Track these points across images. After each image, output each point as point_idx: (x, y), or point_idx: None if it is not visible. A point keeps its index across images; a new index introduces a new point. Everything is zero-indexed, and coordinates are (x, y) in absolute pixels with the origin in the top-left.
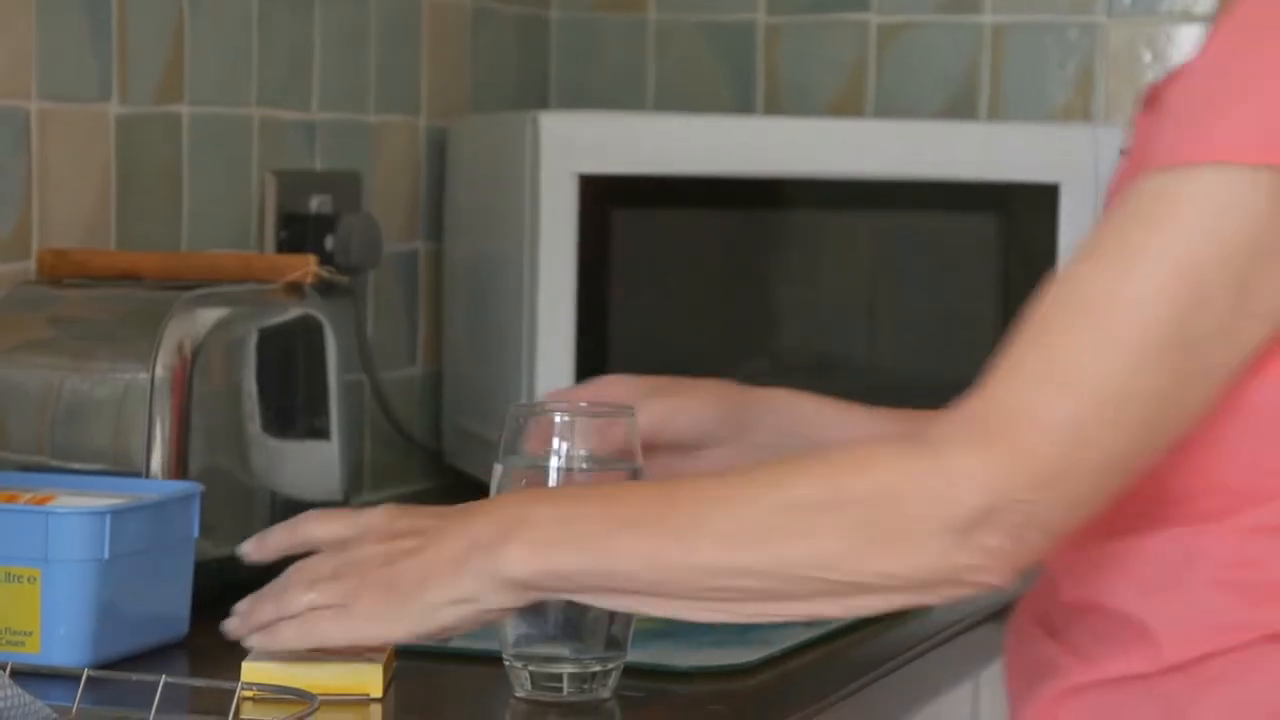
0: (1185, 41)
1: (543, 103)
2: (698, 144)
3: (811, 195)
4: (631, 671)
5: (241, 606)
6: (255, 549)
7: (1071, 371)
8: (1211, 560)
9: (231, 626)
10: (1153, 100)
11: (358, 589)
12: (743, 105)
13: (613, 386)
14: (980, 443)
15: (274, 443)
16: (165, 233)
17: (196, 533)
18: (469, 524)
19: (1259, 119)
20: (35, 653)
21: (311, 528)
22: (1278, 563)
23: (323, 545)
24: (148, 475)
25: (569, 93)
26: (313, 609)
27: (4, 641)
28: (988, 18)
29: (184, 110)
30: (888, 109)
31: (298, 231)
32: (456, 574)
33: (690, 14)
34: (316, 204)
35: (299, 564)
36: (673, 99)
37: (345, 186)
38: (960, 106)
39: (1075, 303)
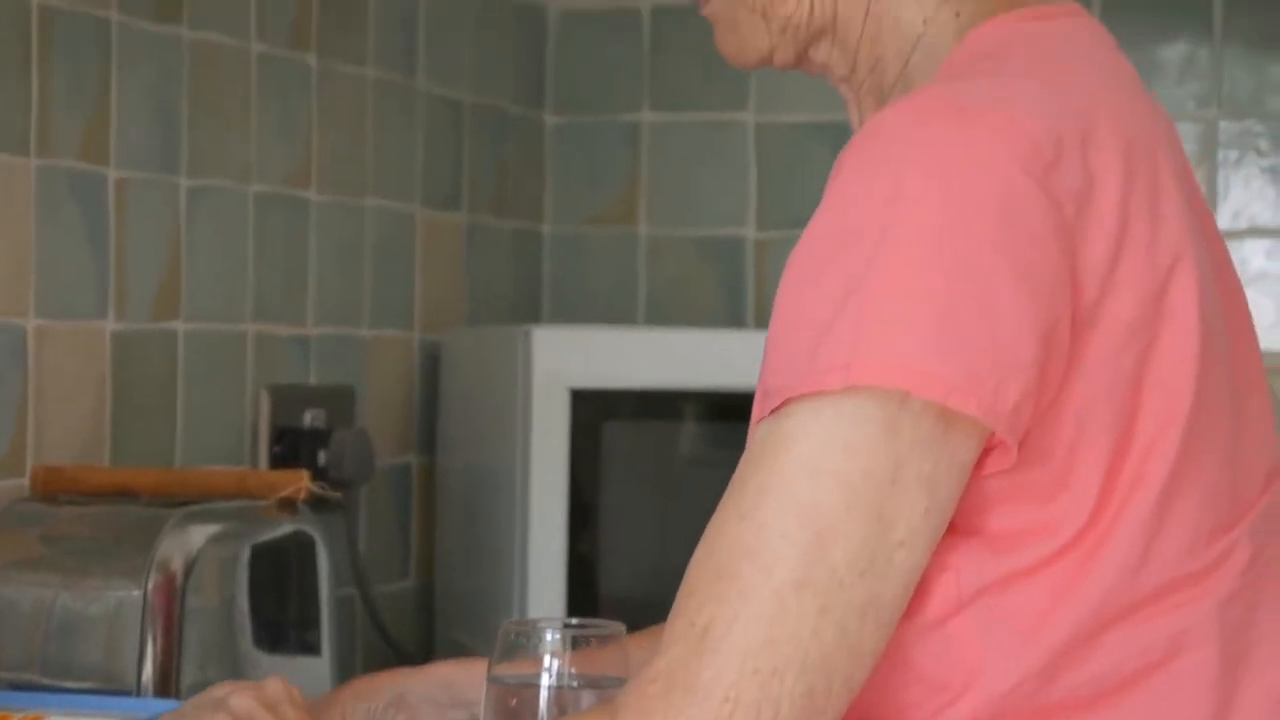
0: None
1: (536, 316)
2: (688, 358)
3: None
4: None
5: None
6: None
7: (711, 629)
8: None
9: None
10: None
11: None
12: (734, 318)
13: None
14: (645, 710)
15: (266, 658)
16: (160, 448)
17: None
18: None
19: (863, 339)
20: None
21: None
22: None
23: None
24: (139, 693)
25: (562, 306)
26: None
27: None
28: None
29: (179, 327)
30: None
31: (291, 445)
32: None
33: (681, 228)
34: (310, 418)
35: None
36: (664, 311)
37: (339, 401)
38: None
39: (708, 559)
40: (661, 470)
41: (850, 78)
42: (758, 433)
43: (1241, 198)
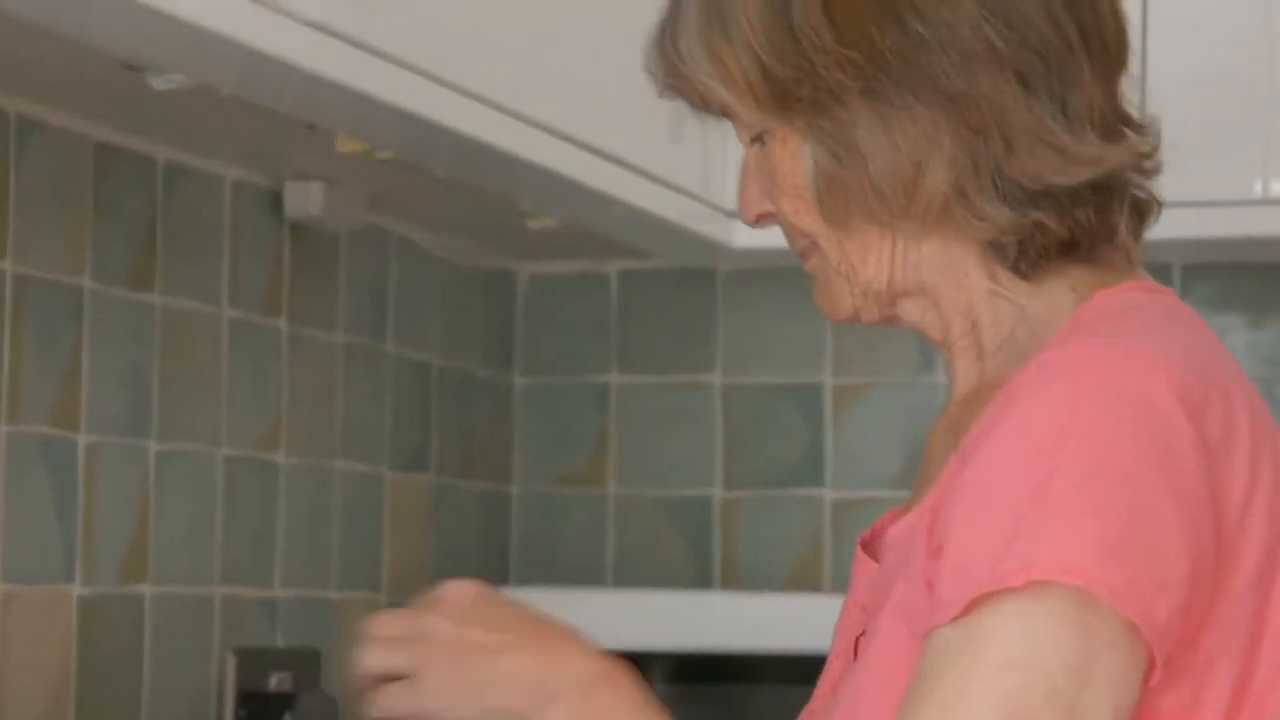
0: None
1: (503, 576)
2: (656, 621)
3: (772, 671)
4: None
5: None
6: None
7: None
8: None
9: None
10: (870, 544)
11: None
12: (700, 578)
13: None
14: None
15: None
16: (125, 712)
17: None
18: (523, 667)
19: (1043, 542)
20: None
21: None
22: None
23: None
24: None
25: (530, 566)
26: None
27: None
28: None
29: (147, 590)
30: (843, 584)
31: (256, 709)
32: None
33: (649, 489)
34: (276, 681)
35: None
36: (632, 572)
37: (305, 664)
38: None
39: None
40: None
41: (944, 339)
42: (941, 637)
43: None
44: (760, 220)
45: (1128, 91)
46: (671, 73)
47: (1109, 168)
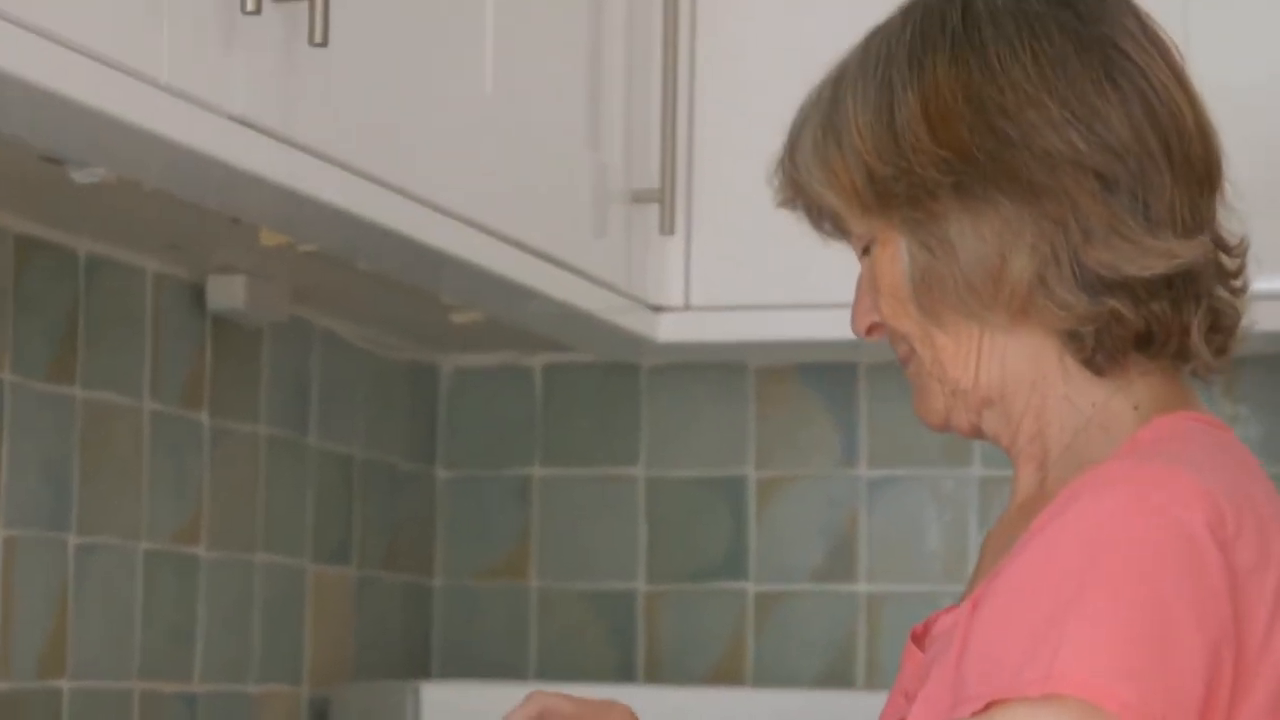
0: None
1: (425, 670)
2: None
3: None
4: None
5: None
6: None
7: None
8: None
9: None
10: (921, 637)
11: None
12: (624, 672)
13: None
14: None
15: None
16: None
17: None
18: None
19: (1066, 654)
20: None
21: None
22: None
23: None
24: None
25: (453, 660)
26: None
27: None
28: (862, 587)
29: (65, 685)
30: (766, 677)
31: None
32: None
33: (572, 582)
34: None
35: None
36: (555, 665)
37: None
38: (837, 674)
39: None
40: None
41: (1011, 446)
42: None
43: None
44: (871, 332)
45: (1224, 219)
46: (789, 184)
47: (1182, 263)
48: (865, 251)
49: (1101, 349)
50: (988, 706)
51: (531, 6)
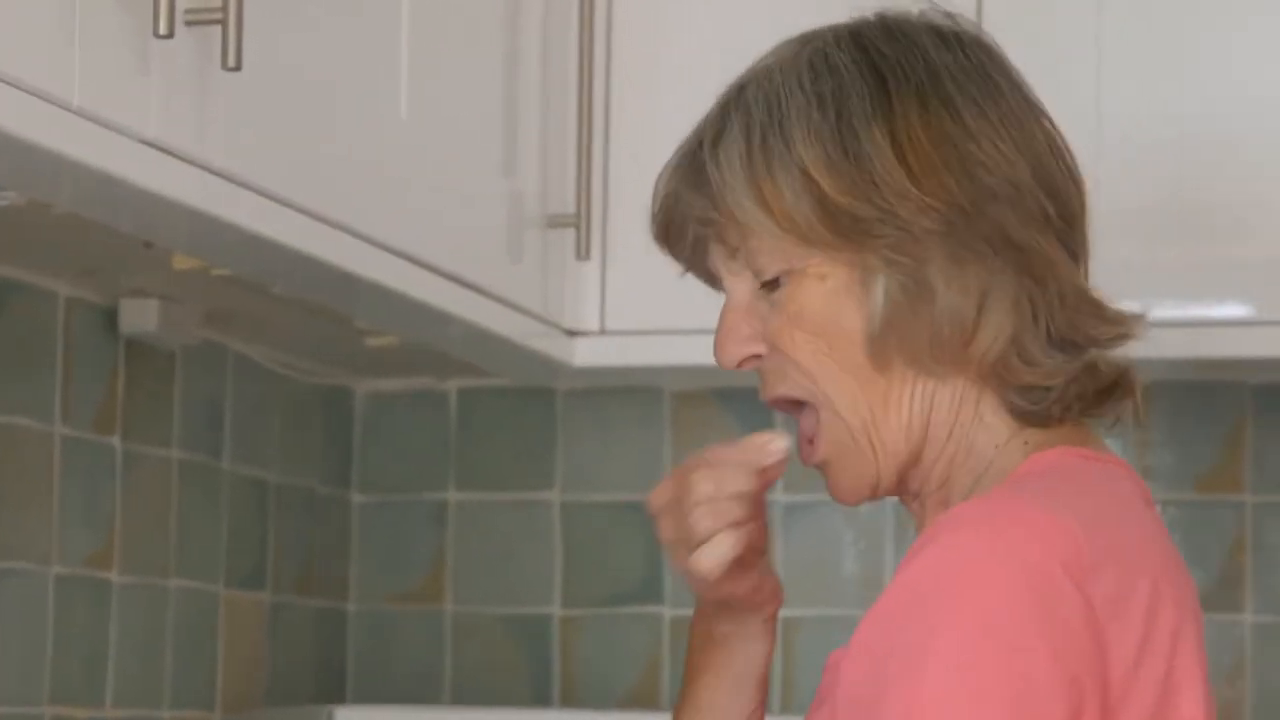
0: None
1: (340, 695)
2: None
3: None
4: None
5: None
6: None
7: None
8: None
9: None
10: (832, 668)
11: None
12: (540, 697)
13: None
14: None
15: None
16: None
17: None
18: None
19: (920, 694)
20: None
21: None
22: None
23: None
24: None
25: (367, 685)
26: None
27: None
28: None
29: None
30: None
31: None
32: None
33: (488, 606)
34: None
35: None
36: (471, 689)
37: None
38: None
39: None
40: None
41: (919, 493)
42: None
43: None
44: (745, 364)
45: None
46: (694, 189)
47: (1129, 331)
48: (772, 282)
49: (1061, 402)
50: None
51: (447, 32)
